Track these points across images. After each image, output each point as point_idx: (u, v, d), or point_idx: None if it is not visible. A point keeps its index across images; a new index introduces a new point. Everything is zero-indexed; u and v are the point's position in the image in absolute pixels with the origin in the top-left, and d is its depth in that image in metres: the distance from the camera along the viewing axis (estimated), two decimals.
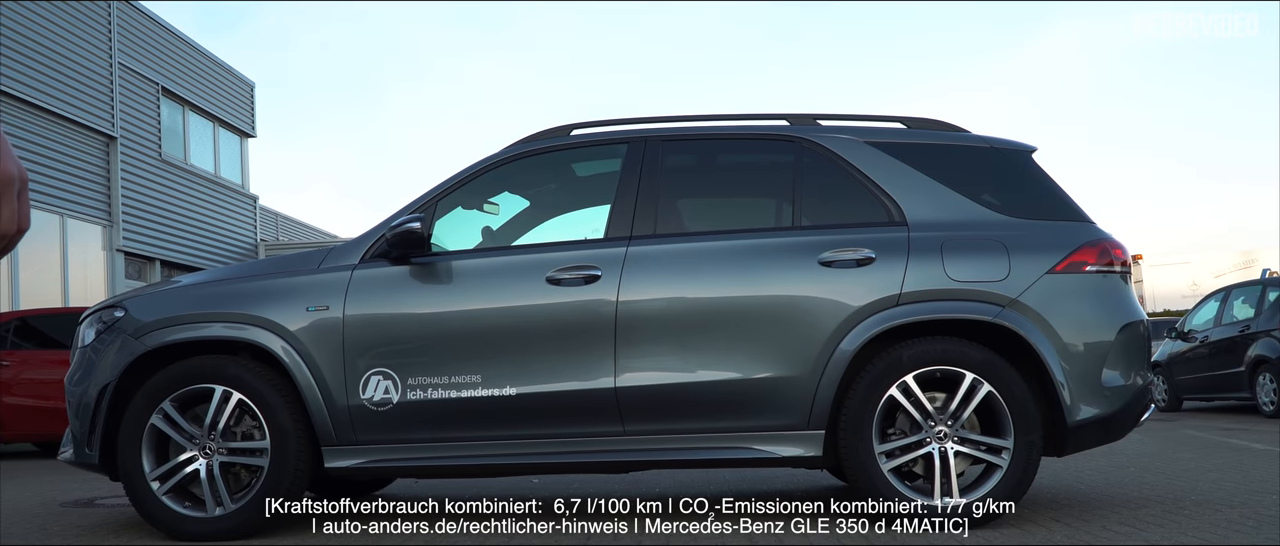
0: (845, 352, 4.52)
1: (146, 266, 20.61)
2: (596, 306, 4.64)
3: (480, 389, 4.62)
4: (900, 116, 5.15)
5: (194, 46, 22.96)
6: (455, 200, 5.08)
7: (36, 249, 17.30)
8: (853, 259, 4.61)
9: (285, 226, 29.06)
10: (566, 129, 5.20)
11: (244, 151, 25.39)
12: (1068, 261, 4.63)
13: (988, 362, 4.48)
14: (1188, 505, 5.04)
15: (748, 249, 4.76)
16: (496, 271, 4.87)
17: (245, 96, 25.41)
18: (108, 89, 19.26)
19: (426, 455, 4.70)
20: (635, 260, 4.70)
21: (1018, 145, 5.08)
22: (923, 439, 4.49)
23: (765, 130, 5.12)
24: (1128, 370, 4.64)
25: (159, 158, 21.12)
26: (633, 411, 4.59)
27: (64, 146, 18.02)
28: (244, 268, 5.29)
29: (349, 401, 4.67)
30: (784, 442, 4.57)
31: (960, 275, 4.58)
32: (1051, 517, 4.70)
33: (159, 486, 4.70)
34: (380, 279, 4.81)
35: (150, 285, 6.25)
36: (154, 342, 4.82)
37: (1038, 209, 4.86)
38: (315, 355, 4.70)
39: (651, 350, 4.62)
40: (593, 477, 6.65)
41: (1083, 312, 4.61)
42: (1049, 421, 4.61)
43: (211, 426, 4.70)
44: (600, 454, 4.65)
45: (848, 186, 4.87)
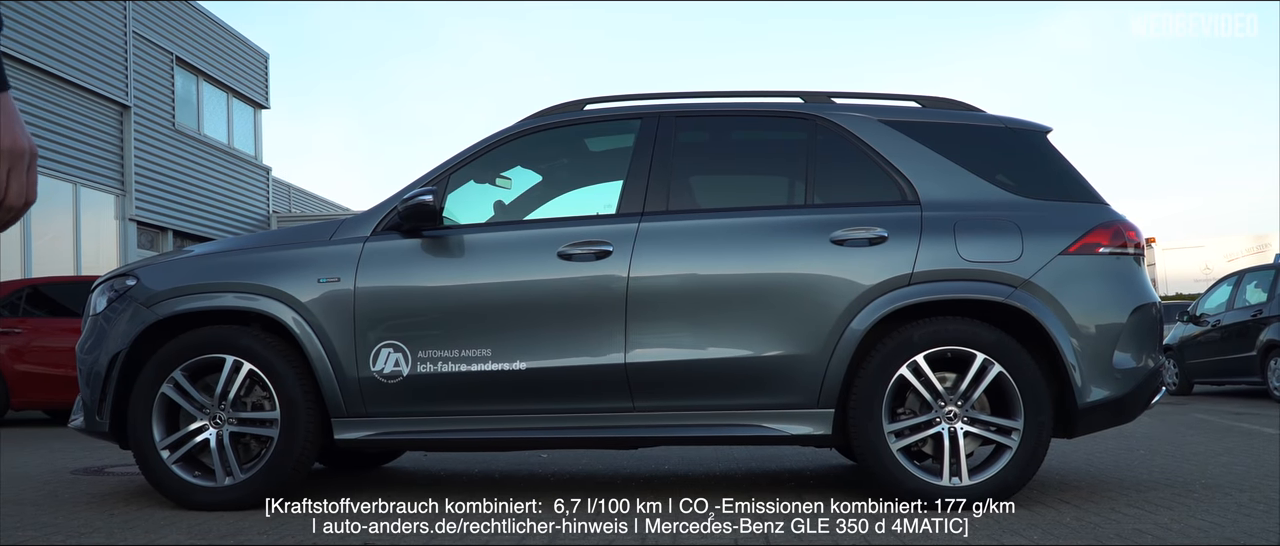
0: (856, 331, 4.51)
1: (159, 236, 20.67)
2: (608, 282, 4.63)
3: (490, 363, 4.63)
4: (915, 95, 5.12)
5: (209, 17, 22.94)
6: (468, 174, 5.07)
7: (49, 217, 17.35)
8: (865, 237, 4.59)
9: (297, 198, 29.11)
10: (580, 104, 5.18)
11: (257, 122, 25.40)
12: (1081, 243, 4.60)
13: (999, 343, 4.47)
14: (1197, 489, 5.03)
15: (760, 226, 4.74)
16: (508, 246, 4.86)
17: (259, 67, 25.40)
18: (122, 58, 19.27)
19: (435, 428, 4.71)
20: (647, 236, 4.69)
21: (1032, 125, 5.04)
22: (932, 419, 4.49)
23: (779, 107, 5.09)
24: (1139, 352, 4.62)
25: (172, 127, 21.14)
26: (642, 387, 4.59)
27: (78, 115, 18.05)
28: (256, 238, 5.30)
29: (359, 373, 4.68)
30: (794, 421, 4.57)
31: (972, 255, 4.56)
32: (1060, 499, 4.69)
33: (169, 455, 4.72)
34: (392, 251, 4.81)
35: (162, 254, 6.26)
36: (165, 312, 4.84)
37: (1051, 190, 4.83)
38: (326, 327, 4.71)
39: (662, 326, 4.61)
40: (598, 463, 6.66)
41: (1095, 294, 4.58)
42: (1059, 403, 4.60)
43: (222, 396, 4.72)
44: (609, 429, 4.65)
45: (861, 165, 4.85)
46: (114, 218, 19.21)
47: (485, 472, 6.01)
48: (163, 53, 20.85)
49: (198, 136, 22.25)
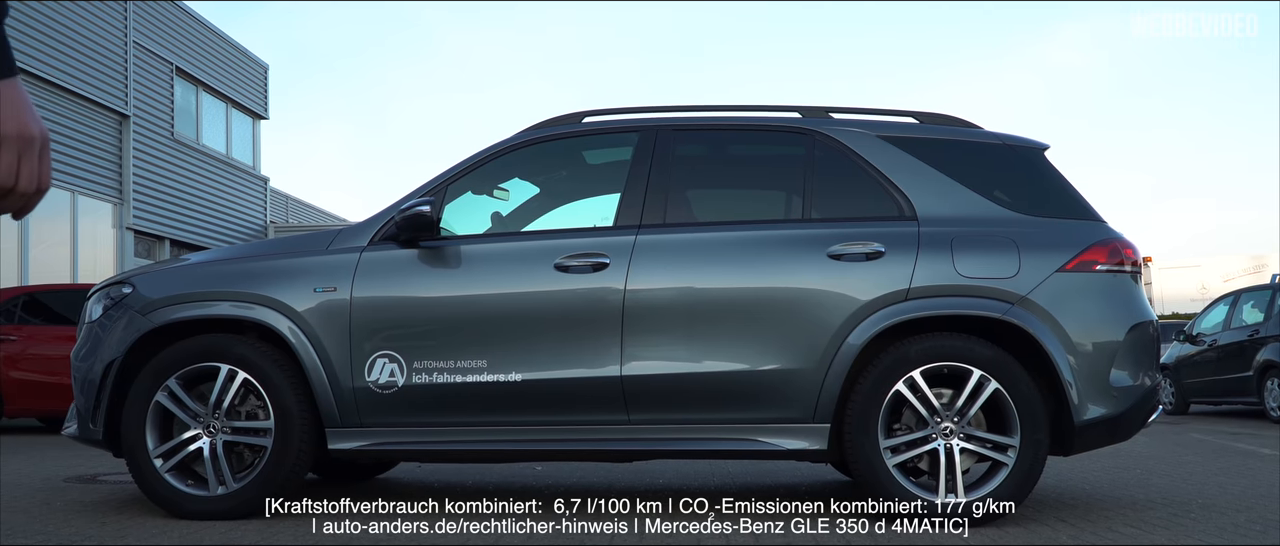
0: (852, 346, 4.50)
1: (156, 245, 20.65)
2: (604, 294, 4.62)
3: (486, 374, 4.62)
4: (913, 111, 5.13)
5: (210, 28, 22.97)
6: (465, 185, 5.07)
7: (47, 225, 17.34)
8: (862, 252, 4.59)
9: (295, 209, 29.11)
10: (578, 116, 5.19)
11: (256, 133, 25.42)
12: (1078, 260, 4.60)
13: (995, 360, 4.46)
14: (1194, 508, 5.02)
15: (757, 240, 4.74)
16: (505, 257, 4.86)
17: (258, 78, 25.42)
18: (122, 67, 19.28)
19: (430, 439, 4.70)
20: (644, 249, 4.69)
21: (1030, 142, 5.05)
22: (928, 435, 4.48)
23: (777, 122, 5.09)
24: (1136, 371, 4.61)
25: (171, 137, 21.15)
26: (638, 400, 4.58)
27: (77, 123, 18.04)
28: (252, 247, 5.29)
29: (354, 383, 4.67)
30: (789, 435, 4.55)
31: (970, 271, 4.55)
32: (1056, 517, 4.68)
33: (162, 464, 4.70)
34: (388, 262, 4.81)
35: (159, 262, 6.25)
36: (161, 320, 4.83)
37: (1049, 207, 4.83)
38: (322, 336, 4.70)
39: (658, 339, 4.60)
40: (593, 475, 6.65)
41: (1092, 312, 4.58)
42: (1056, 420, 4.59)
43: (216, 405, 4.71)
44: (605, 442, 4.64)
45: (859, 180, 4.85)
46: (112, 226, 19.19)
47: (479, 484, 5.99)
48: (163, 63, 20.86)
49: (196, 146, 22.25)
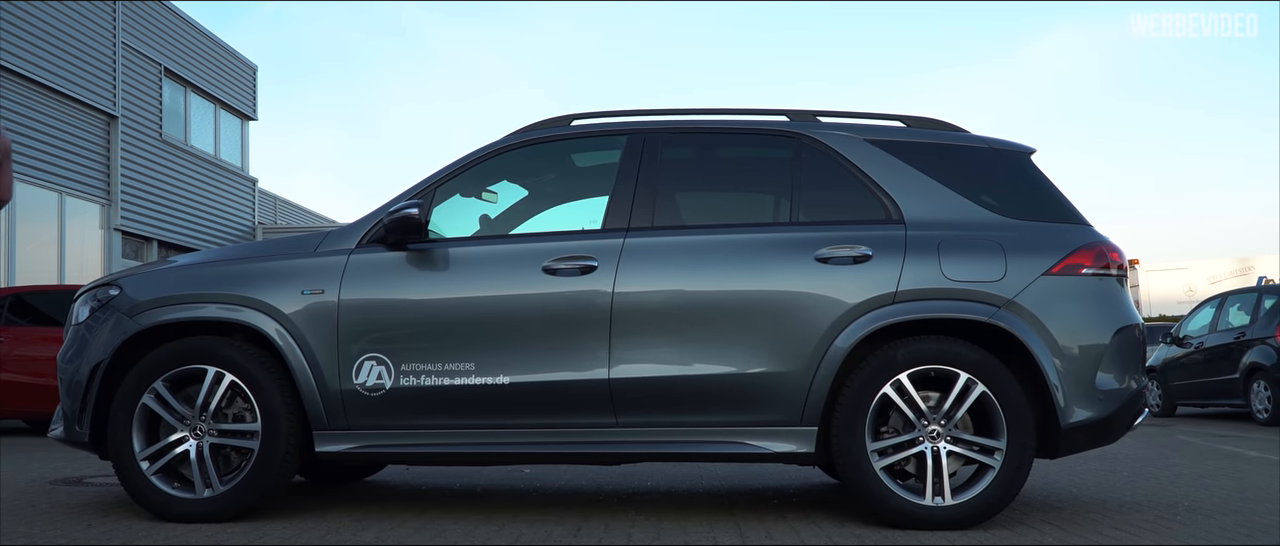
0: (840, 349, 4.51)
1: (144, 246, 20.60)
2: (592, 297, 4.62)
3: (474, 377, 4.61)
4: (900, 115, 5.14)
5: (198, 29, 22.93)
6: (454, 187, 5.06)
7: (34, 226, 17.28)
8: (849, 256, 4.60)
9: (283, 210, 29.05)
10: (567, 119, 5.19)
11: (245, 134, 25.38)
12: (1064, 263, 4.62)
13: (982, 363, 4.47)
14: (1181, 511, 5.04)
15: (745, 243, 4.74)
16: (493, 260, 4.86)
17: (247, 79, 25.39)
18: (110, 68, 19.23)
19: (418, 442, 4.69)
20: (632, 252, 4.69)
21: (1016, 146, 5.07)
22: (916, 438, 4.49)
23: (765, 125, 5.10)
24: (1122, 374, 4.63)
25: (159, 138, 21.10)
26: (626, 403, 4.58)
27: (65, 124, 17.99)
28: (240, 249, 5.28)
29: (341, 386, 4.66)
30: (776, 438, 4.56)
31: (956, 275, 4.57)
32: (1043, 519, 4.69)
33: (148, 466, 4.69)
34: (376, 264, 4.80)
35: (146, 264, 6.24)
36: (148, 322, 4.81)
37: (1035, 210, 4.85)
38: (309, 339, 4.69)
39: (646, 342, 4.61)
40: (581, 478, 6.65)
41: (1078, 315, 4.59)
42: (1042, 423, 4.60)
43: (203, 407, 4.69)
44: (592, 445, 4.64)
45: (846, 184, 4.86)
46: (99, 227, 19.14)
47: (468, 488, 5.98)
48: (151, 63, 20.82)
49: (185, 147, 22.21)
